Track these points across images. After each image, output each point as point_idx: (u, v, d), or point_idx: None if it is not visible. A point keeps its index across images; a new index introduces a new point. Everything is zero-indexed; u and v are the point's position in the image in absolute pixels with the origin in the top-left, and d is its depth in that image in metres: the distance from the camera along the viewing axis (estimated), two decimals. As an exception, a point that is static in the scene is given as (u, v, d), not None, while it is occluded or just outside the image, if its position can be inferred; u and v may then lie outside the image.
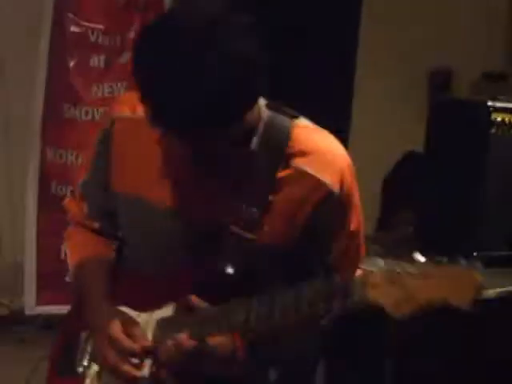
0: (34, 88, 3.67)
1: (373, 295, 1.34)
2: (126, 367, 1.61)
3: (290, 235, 1.60)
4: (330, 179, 1.59)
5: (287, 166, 1.60)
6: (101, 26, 3.65)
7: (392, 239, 3.17)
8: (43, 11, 3.59)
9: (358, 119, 4.51)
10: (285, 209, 1.60)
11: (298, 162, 1.60)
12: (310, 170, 1.59)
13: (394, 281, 1.33)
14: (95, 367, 1.72)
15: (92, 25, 3.65)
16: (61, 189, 3.70)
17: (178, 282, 1.62)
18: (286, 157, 1.60)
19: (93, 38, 3.64)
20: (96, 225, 1.78)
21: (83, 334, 1.76)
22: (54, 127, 3.68)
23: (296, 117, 1.65)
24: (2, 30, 4.01)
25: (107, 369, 1.66)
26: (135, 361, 1.62)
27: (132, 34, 3.64)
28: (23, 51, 3.91)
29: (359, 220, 1.68)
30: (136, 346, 1.62)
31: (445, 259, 1.34)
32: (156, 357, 1.63)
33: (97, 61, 3.68)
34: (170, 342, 1.57)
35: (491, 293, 2.61)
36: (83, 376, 1.72)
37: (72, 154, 3.68)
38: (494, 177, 2.88)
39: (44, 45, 3.59)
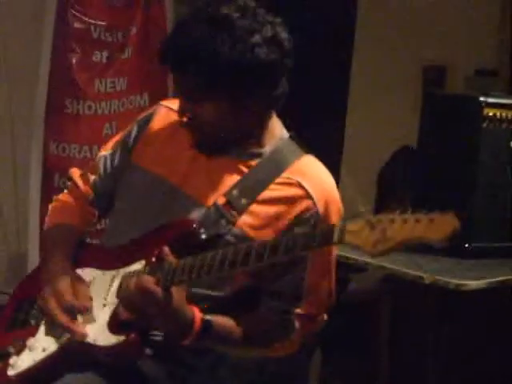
0: (37, 83, 3.69)
1: (350, 239, 1.46)
2: (63, 318, 1.70)
3: (264, 235, 1.71)
4: (317, 198, 1.73)
5: (284, 176, 1.76)
6: (103, 23, 3.67)
7: None
8: (46, 7, 3.62)
9: (353, 113, 4.53)
10: (269, 207, 1.73)
11: (296, 176, 1.75)
12: (302, 183, 1.74)
13: (375, 226, 1.43)
14: None
15: (95, 21, 3.66)
16: (63, 182, 3.73)
17: (153, 241, 1.71)
18: (286, 171, 1.76)
19: (95, 35, 3.66)
20: (91, 196, 1.93)
21: (41, 293, 1.81)
22: (57, 121, 3.71)
23: (308, 152, 1.81)
24: (4, 25, 4.00)
25: (47, 319, 1.74)
26: (72, 316, 1.70)
27: (134, 31, 3.67)
28: (26, 47, 3.92)
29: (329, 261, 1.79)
30: (76, 303, 1.71)
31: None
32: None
33: (99, 56, 3.69)
34: (133, 280, 1.63)
35: (481, 283, 2.65)
36: (36, 325, 1.79)
37: (75, 148, 3.70)
38: (486, 169, 2.92)
39: (47, 40, 3.62)
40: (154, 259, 1.68)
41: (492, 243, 2.93)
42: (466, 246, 2.87)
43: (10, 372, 1.74)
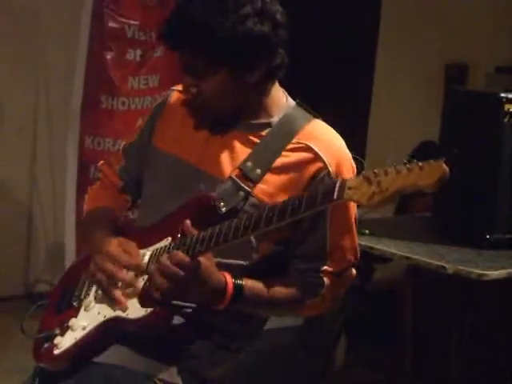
0: (73, 80, 3.78)
1: (349, 194, 1.51)
2: (124, 273, 1.74)
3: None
4: (328, 159, 1.76)
5: (295, 142, 1.79)
6: (137, 22, 3.76)
7: (410, 223, 3.30)
8: (83, 7, 3.70)
9: (377, 110, 4.61)
10: (283, 174, 1.77)
11: (305, 140, 1.79)
12: (313, 146, 1.78)
13: (371, 180, 1.48)
14: (91, 297, 1.83)
15: (128, 20, 3.74)
16: (96, 174, 3.84)
17: (177, 219, 1.75)
18: (297, 136, 1.79)
19: (129, 34, 3.74)
20: (121, 183, 2.00)
21: (83, 276, 1.89)
22: (93, 116, 3.79)
23: (317, 117, 1.84)
24: (45, 25, 4.13)
25: (104, 279, 1.76)
26: (130, 274, 1.74)
27: (166, 30, 3.77)
28: (64, 45, 4.03)
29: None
30: (132, 261, 1.75)
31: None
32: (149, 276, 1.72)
33: (133, 55, 3.78)
34: (164, 256, 1.69)
35: (503, 273, 2.69)
36: (78, 306, 1.84)
37: (109, 142, 3.79)
38: (507, 164, 2.95)
39: (83, 39, 3.70)
40: (179, 235, 1.73)
41: (512, 235, 2.97)
42: (487, 237, 2.93)
43: (55, 351, 1.80)
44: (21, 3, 4.14)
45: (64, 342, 1.81)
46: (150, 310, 1.71)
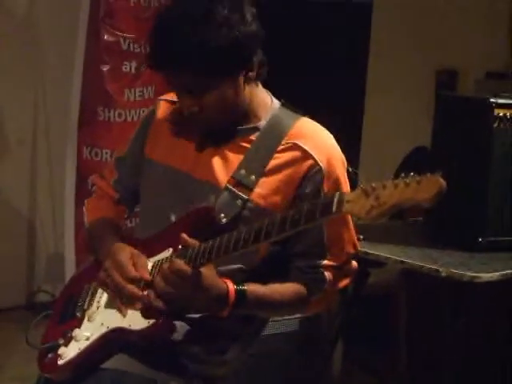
0: (71, 92, 3.81)
1: (347, 208, 1.52)
2: (129, 287, 1.76)
3: (278, 203, 1.79)
4: (318, 155, 1.80)
5: (285, 142, 1.82)
6: (132, 35, 3.78)
7: (403, 228, 3.30)
8: (79, 21, 3.72)
9: (369, 116, 4.61)
10: (276, 175, 1.80)
11: (294, 139, 1.82)
12: (301, 144, 1.81)
13: (369, 194, 1.50)
14: (94, 307, 1.86)
15: (124, 34, 3.77)
16: (92, 187, 3.86)
17: (177, 230, 1.77)
18: (286, 137, 1.82)
19: (125, 46, 3.77)
20: (116, 195, 2.03)
21: (85, 286, 1.93)
22: (90, 128, 3.82)
23: (303, 115, 1.88)
24: (41, 38, 4.17)
25: (110, 288, 1.80)
26: (131, 287, 1.76)
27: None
28: (60, 58, 4.07)
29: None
30: (137, 274, 1.77)
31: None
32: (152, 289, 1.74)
33: (128, 67, 3.81)
34: (165, 265, 1.71)
35: (495, 275, 2.71)
36: (81, 317, 1.87)
37: (106, 153, 3.82)
38: (497, 167, 2.96)
39: (79, 52, 3.73)
40: (180, 246, 1.75)
41: (504, 237, 2.99)
42: (479, 240, 2.95)
43: (59, 362, 1.82)
44: (18, 16, 4.17)
45: (68, 353, 1.83)
46: (152, 321, 1.73)
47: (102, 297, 1.88)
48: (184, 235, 1.72)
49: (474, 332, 3.02)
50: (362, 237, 2.99)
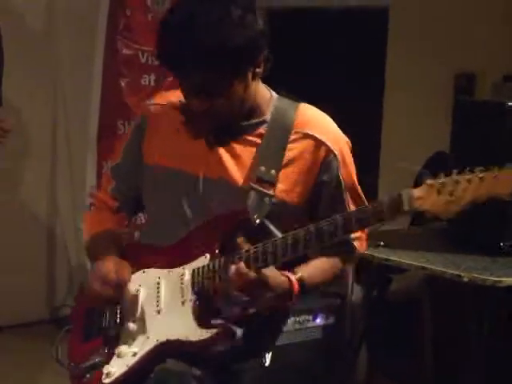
0: (90, 106, 3.85)
1: (420, 205, 1.56)
2: (107, 291, 1.81)
3: (300, 194, 1.82)
4: (330, 141, 1.84)
5: (294, 133, 1.84)
6: (150, 48, 3.78)
7: (424, 233, 3.31)
8: (97, 35, 3.77)
9: (388, 121, 4.62)
10: (294, 167, 1.82)
11: (302, 128, 1.84)
12: (311, 132, 1.84)
13: (440, 191, 1.53)
14: (131, 323, 1.83)
15: (141, 47, 3.81)
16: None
17: (210, 235, 1.78)
18: (294, 127, 1.84)
19: (143, 59, 3.81)
20: (115, 204, 2.03)
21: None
22: (110, 142, 3.80)
23: (299, 101, 1.91)
24: (60, 52, 4.18)
25: (92, 297, 1.84)
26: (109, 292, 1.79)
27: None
28: (80, 73, 4.08)
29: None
30: (116, 278, 1.80)
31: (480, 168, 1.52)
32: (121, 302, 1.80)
33: (147, 80, 3.85)
34: (232, 271, 1.70)
35: None
36: (117, 332, 1.86)
37: None
38: None
39: (98, 66, 3.77)
40: (216, 251, 1.75)
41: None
42: (501, 244, 2.97)
43: (106, 380, 1.81)
44: (38, 31, 4.20)
45: (114, 370, 1.82)
46: (214, 330, 1.73)
47: (136, 311, 1.87)
48: (241, 239, 1.75)
49: (498, 336, 3.01)
50: (382, 243, 2.99)
